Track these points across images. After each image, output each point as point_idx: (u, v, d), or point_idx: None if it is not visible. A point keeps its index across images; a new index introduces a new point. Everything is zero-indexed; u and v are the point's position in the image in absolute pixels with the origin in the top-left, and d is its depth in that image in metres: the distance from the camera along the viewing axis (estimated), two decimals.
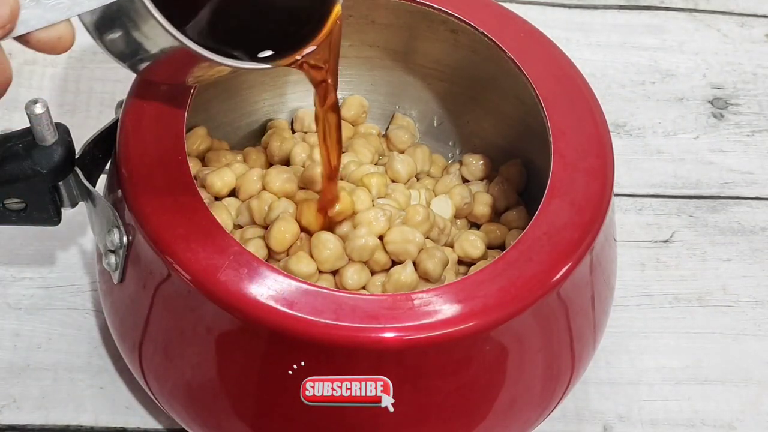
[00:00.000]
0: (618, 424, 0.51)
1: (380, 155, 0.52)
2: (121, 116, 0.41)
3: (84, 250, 0.54)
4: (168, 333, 0.40)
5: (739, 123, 0.65)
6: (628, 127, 0.64)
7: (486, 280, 0.37)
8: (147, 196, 0.38)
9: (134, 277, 0.40)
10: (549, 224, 0.39)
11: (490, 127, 0.52)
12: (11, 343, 0.51)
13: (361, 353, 0.36)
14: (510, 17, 0.46)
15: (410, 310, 0.36)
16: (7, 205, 0.41)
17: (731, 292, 0.57)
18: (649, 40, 0.69)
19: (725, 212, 0.60)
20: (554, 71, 0.44)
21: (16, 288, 0.53)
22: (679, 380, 0.53)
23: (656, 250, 0.58)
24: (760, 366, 0.54)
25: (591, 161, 0.41)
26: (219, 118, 0.51)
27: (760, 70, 0.68)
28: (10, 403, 0.49)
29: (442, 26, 0.48)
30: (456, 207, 0.49)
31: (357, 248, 0.43)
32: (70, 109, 0.60)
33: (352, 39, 0.51)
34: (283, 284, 0.36)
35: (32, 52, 0.32)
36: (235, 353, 0.38)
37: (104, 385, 0.50)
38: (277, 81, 0.52)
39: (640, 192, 0.61)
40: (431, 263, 0.44)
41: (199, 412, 0.42)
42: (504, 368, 0.39)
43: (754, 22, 0.71)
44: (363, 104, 0.53)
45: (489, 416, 0.41)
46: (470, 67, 0.50)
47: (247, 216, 0.46)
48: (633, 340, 0.54)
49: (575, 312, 0.41)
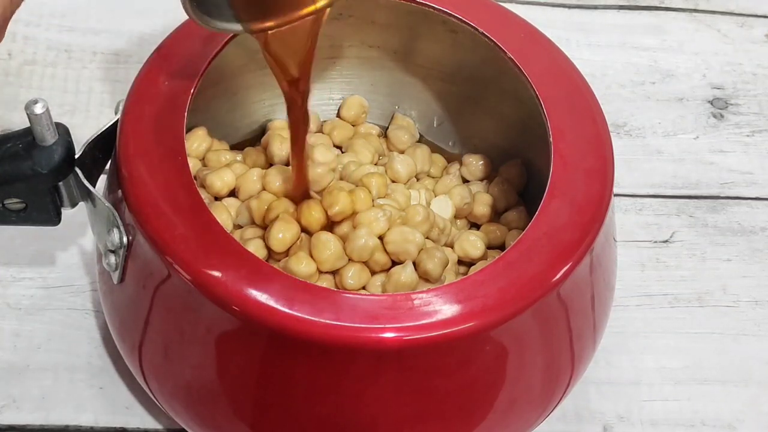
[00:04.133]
0: (618, 424, 0.51)
1: (380, 155, 0.52)
2: (121, 116, 0.41)
3: (84, 251, 0.54)
4: (168, 333, 0.40)
5: (739, 123, 0.65)
6: (627, 128, 0.64)
7: (486, 280, 0.37)
8: (147, 197, 0.38)
9: (134, 278, 0.40)
10: (549, 224, 0.39)
11: (490, 127, 0.52)
12: (11, 344, 0.51)
13: (361, 353, 0.36)
14: (510, 17, 0.46)
15: (410, 310, 0.36)
16: (7, 206, 0.41)
17: (731, 293, 0.57)
18: (649, 40, 0.69)
19: (725, 212, 0.60)
20: (554, 71, 0.44)
21: (16, 288, 0.53)
22: (679, 380, 0.53)
23: (656, 251, 0.58)
24: (760, 366, 0.54)
25: (591, 161, 0.41)
26: (219, 118, 0.51)
27: (760, 71, 0.68)
28: (9, 404, 0.49)
29: (442, 26, 0.48)
30: (456, 207, 0.49)
31: (357, 248, 0.43)
32: (70, 110, 0.60)
33: (352, 39, 0.51)
34: (283, 284, 0.36)
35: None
36: (235, 353, 0.38)
37: (104, 386, 0.50)
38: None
39: (640, 192, 0.61)
40: (431, 263, 0.44)
41: (198, 412, 0.42)
42: (504, 368, 0.39)
43: (754, 22, 0.71)
44: (363, 104, 0.53)
45: (489, 416, 0.41)
46: (470, 68, 0.50)
47: (246, 216, 0.46)
48: (633, 340, 0.54)
49: (575, 312, 0.41)
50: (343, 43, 0.51)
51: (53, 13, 0.65)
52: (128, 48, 0.64)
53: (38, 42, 0.63)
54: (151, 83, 0.41)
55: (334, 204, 0.44)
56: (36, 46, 0.63)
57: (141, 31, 0.64)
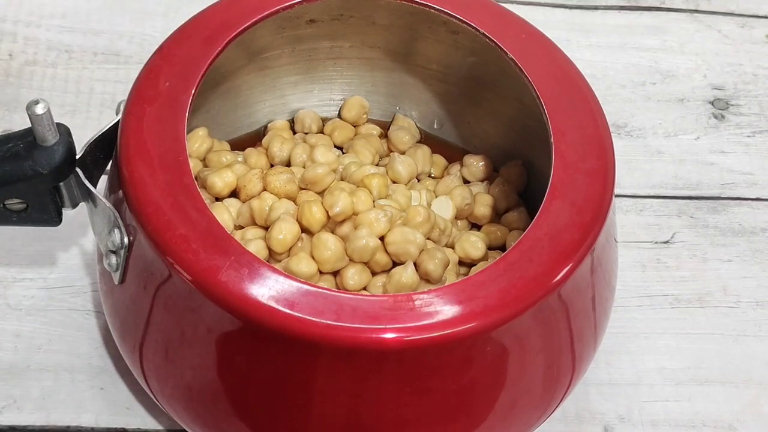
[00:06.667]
0: (618, 425, 0.51)
1: (381, 156, 0.52)
2: (122, 117, 0.41)
3: (84, 251, 0.54)
4: (169, 334, 0.40)
5: (740, 124, 0.65)
6: (628, 128, 0.64)
7: (487, 281, 0.37)
8: (148, 197, 0.38)
9: (135, 278, 0.40)
10: (550, 225, 0.39)
11: (490, 128, 0.52)
12: (12, 344, 0.51)
13: (361, 354, 0.36)
14: (511, 18, 0.46)
15: (411, 311, 0.36)
16: (8, 206, 0.41)
17: (732, 293, 0.57)
18: (649, 40, 0.69)
19: (726, 213, 0.60)
20: (555, 72, 0.44)
21: (17, 289, 0.53)
22: (679, 381, 0.53)
23: (657, 251, 0.58)
24: (761, 367, 0.54)
25: (592, 162, 0.41)
26: (220, 119, 0.51)
27: (760, 71, 0.68)
28: (10, 404, 0.49)
29: (443, 27, 0.48)
30: (457, 208, 0.49)
31: (358, 249, 0.43)
32: (71, 110, 0.60)
33: (353, 40, 0.51)
34: (283, 285, 0.36)
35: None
36: (236, 354, 0.38)
37: (105, 386, 0.50)
38: (278, 82, 0.52)
39: (641, 193, 0.61)
40: (432, 264, 0.44)
41: (199, 412, 0.42)
42: (505, 369, 0.39)
43: (755, 22, 0.71)
44: (363, 105, 0.53)
45: (489, 417, 0.41)
46: (471, 68, 0.50)
47: (247, 216, 0.46)
48: (633, 340, 0.54)
49: (576, 313, 0.41)
50: (344, 43, 0.51)
51: (54, 14, 0.65)
52: (129, 48, 0.64)
53: (39, 42, 0.63)
54: (152, 84, 0.41)
55: (334, 204, 0.44)
56: (37, 47, 0.63)
57: (142, 32, 0.65)
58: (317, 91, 0.53)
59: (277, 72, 0.51)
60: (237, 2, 0.44)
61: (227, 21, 0.44)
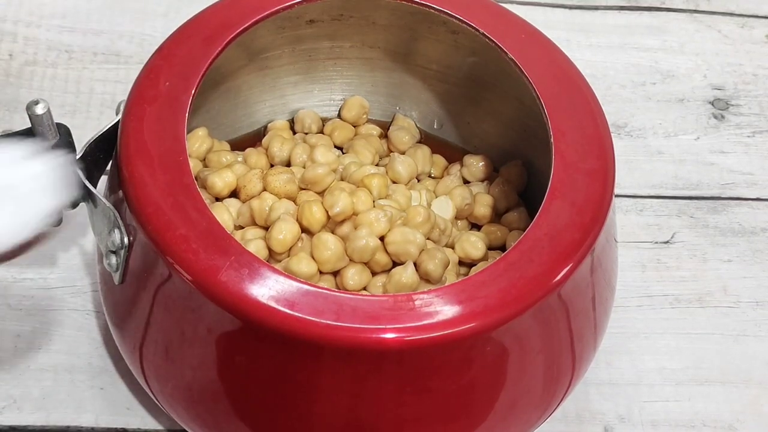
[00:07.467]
0: (618, 425, 0.51)
1: (381, 156, 0.52)
2: (122, 117, 0.41)
3: (85, 251, 0.54)
4: (169, 334, 0.40)
5: (740, 124, 0.65)
6: (628, 128, 0.64)
7: (487, 281, 0.37)
8: (148, 197, 0.38)
9: (135, 278, 0.40)
10: (550, 225, 0.39)
11: (490, 128, 0.52)
12: (12, 344, 0.51)
13: (361, 354, 0.36)
14: (511, 18, 0.46)
15: (411, 311, 0.36)
16: None
17: (732, 293, 0.57)
18: (649, 40, 0.69)
19: (726, 213, 0.60)
20: (555, 72, 0.44)
21: (17, 289, 0.53)
22: (679, 381, 0.53)
23: (657, 251, 0.58)
24: (761, 367, 0.54)
25: (592, 162, 0.41)
26: (220, 119, 0.51)
27: (760, 71, 0.68)
28: (10, 404, 0.49)
29: (443, 27, 0.48)
30: (457, 208, 0.49)
31: (358, 249, 0.43)
32: (71, 110, 0.60)
33: (353, 40, 0.51)
34: (284, 285, 0.36)
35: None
36: (236, 354, 0.38)
37: (105, 386, 0.50)
38: (278, 82, 0.52)
39: (641, 193, 0.61)
40: (432, 264, 0.44)
41: (199, 412, 0.42)
42: (505, 369, 0.39)
43: (755, 23, 0.71)
44: (363, 105, 0.53)
45: (489, 417, 0.41)
46: (471, 68, 0.50)
47: (247, 217, 0.46)
48: (633, 341, 0.54)
49: (576, 313, 0.41)
50: (344, 43, 0.51)
51: (54, 14, 0.65)
52: (129, 48, 0.64)
53: (39, 43, 0.63)
54: (152, 84, 0.41)
55: (334, 204, 0.44)
56: (37, 47, 0.63)
57: (142, 32, 0.65)
58: (317, 91, 0.53)
59: (277, 72, 0.52)
60: (237, 2, 0.44)
61: (227, 21, 0.44)
